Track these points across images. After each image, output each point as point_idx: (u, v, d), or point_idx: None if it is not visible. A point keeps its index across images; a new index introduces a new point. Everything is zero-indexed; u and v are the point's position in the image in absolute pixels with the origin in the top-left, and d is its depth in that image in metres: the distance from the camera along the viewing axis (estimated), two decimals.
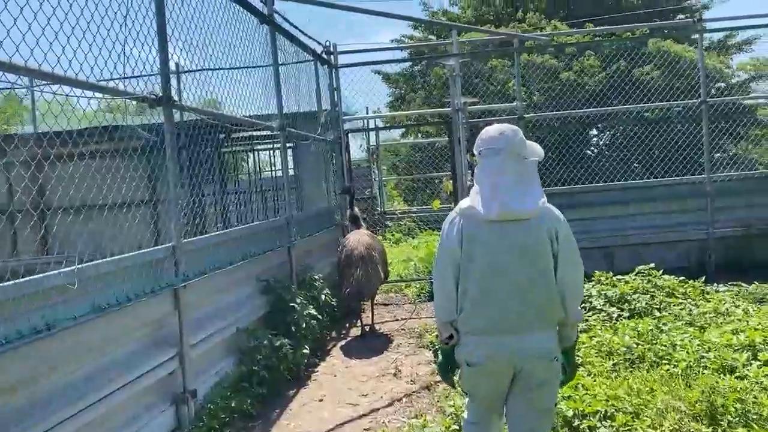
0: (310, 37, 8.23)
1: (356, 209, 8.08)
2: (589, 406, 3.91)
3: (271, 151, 10.83)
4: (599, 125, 16.62)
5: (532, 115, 10.20)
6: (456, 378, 3.23)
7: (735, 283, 7.21)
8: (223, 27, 5.67)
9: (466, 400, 3.24)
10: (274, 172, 10.52)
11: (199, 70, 5.17)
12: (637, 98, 11.16)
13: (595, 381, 4.56)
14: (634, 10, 19.87)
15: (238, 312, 5.47)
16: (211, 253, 5.09)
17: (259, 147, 11.31)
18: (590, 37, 12.94)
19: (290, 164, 8.57)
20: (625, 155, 14.74)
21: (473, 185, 3.01)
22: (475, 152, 3.04)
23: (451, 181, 9.80)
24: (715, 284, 7.24)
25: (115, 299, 3.75)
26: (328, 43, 8.94)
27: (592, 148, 17.16)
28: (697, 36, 9.61)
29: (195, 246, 4.78)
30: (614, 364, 4.90)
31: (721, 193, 8.79)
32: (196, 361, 4.61)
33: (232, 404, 4.74)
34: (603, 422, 3.78)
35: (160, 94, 4.25)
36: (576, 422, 3.82)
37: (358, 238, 7.29)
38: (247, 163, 11.32)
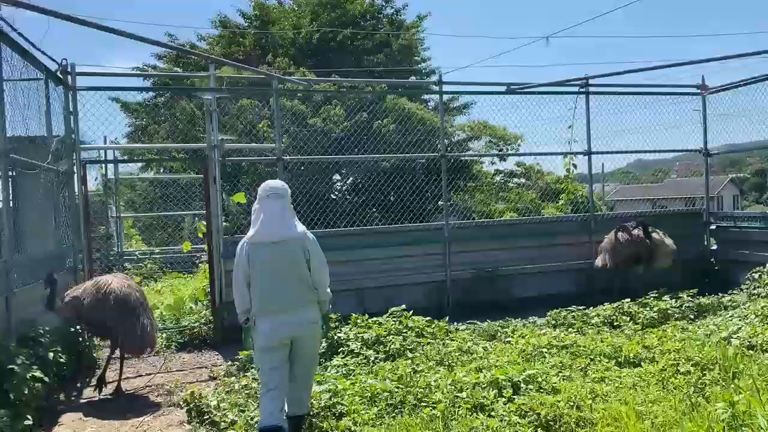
0: (43, 53, 7.16)
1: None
2: None
3: None
4: (342, 171, 17.43)
5: (290, 157, 10.20)
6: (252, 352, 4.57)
7: (471, 321, 7.90)
8: None
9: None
10: None
11: None
12: (377, 148, 11.98)
13: (362, 430, 4.52)
14: (374, 68, 21.48)
15: None
16: None
17: None
18: (336, 87, 13.60)
19: (9, 197, 7.22)
20: (364, 201, 15.65)
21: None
22: (261, 194, 4.36)
23: (203, 222, 9.24)
24: (456, 322, 7.84)
25: None
26: (65, 62, 7.85)
27: (336, 192, 17.91)
28: (431, 96, 10.75)
29: None
30: (378, 411, 4.92)
31: (455, 238, 9.69)
32: None
33: None
34: None
35: None
36: None
37: (122, 281, 6.45)
38: None
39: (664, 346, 6.20)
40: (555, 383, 5.26)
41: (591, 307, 8.14)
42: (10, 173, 6.42)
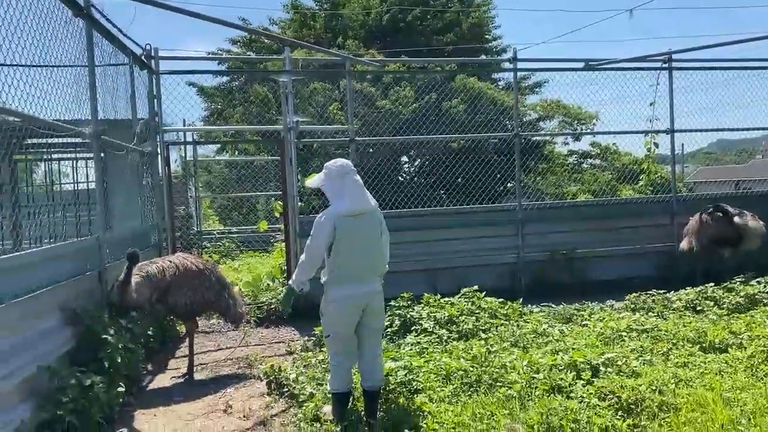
0: (129, 38, 7.46)
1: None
2: None
3: (74, 162, 9.64)
4: (411, 152, 17.41)
5: (362, 138, 10.28)
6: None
7: (545, 303, 7.78)
8: (29, 14, 4.86)
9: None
10: (77, 186, 9.34)
11: (3, 65, 4.33)
12: (446, 129, 11.89)
13: (438, 407, 4.55)
14: (443, 47, 21.26)
15: (39, 348, 4.64)
16: (8, 278, 4.26)
17: (57, 156, 10.03)
18: (406, 67, 13.55)
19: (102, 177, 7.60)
20: (432, 182, 15.59)
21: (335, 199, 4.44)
22: (340, 171, 4.48)
23: (280, 202, 9.46)
24: (529, 305, 7.74)
25: None
26: (148, 47, 8.17)
27: (404, 174, 17.91)
28: (502, 74, 10.56)
29: None
30: (454, 389, 4.94)
31: (529, 219, 9.53)
32: None
33: None
34: None
35: None
36: None
37: (200, 259, 6.81)
38: (46, 174, 9.95)
39: (752, 332, 5.93)
40: (635, 367, 5.14)
41: (672, 292, 7.87)
42: (101, 154, 6.76)
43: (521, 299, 7.69)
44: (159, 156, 8.64)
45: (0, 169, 7.84)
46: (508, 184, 13.69)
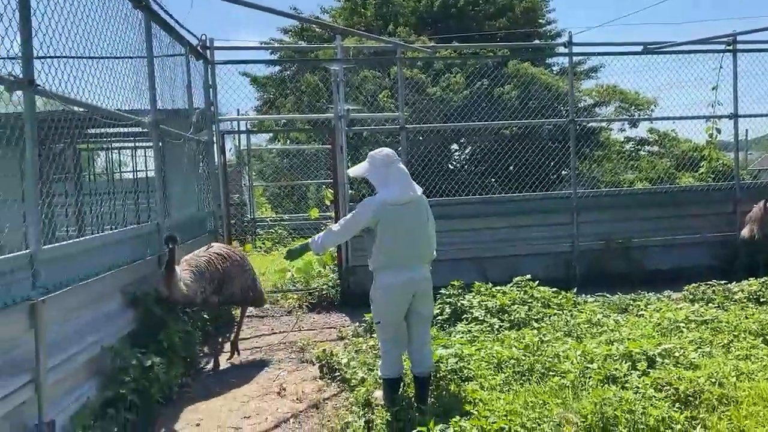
0: (185, 29, 7.63)
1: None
2: (493, 423, 3.84)
3: (134, 150, 9.97)
4: (461, 140, 17.25)
5: (413, 126, 10.25)
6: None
7: (600, 293, 7.62)
8: (92, 7, 5.02)
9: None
10: (136, 173, 9.67)
11: (68, 57, 4.50)
12: (497, 116, 11.71)
13: (490, 395, 4.53)
14: (495, 33, 20.94)
15: (103, 329, 4.83)
16: (73, 262, 4.44)
17: (118, 145, 10.39)
18: (459, 52, 13.41)
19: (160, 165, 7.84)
20: (483, 170, 15.41)
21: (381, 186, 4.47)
22: (386, 160, 4.51)
23: (330, 190, 9.55)
24: (583, 294, 7.60)
25: None
26: (204, 37, 8.35)
27: (454, 162, 17.78)
28: (556, 59, 10.32)
29: (56, 254, 4.14)
30: (506, 377, 4.91)
31: (584, 208, 9.34)
32: (54, 387, 3.97)
33: None
34: None
35: (21, 76, 3.62)
36: None
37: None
38: (108, 162, 10.34)
39: None
40: (694, 359, 5.01)
41: (734, 282, 7.60)
42: (159, 143, 6.95)
43: (575, 289, 7.56)
44: (215, 145, 8.83)
45: (65, 158, 8.18)
46: (563, 172, 13.44)
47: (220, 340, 7.12)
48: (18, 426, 3.66)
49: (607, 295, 7.52)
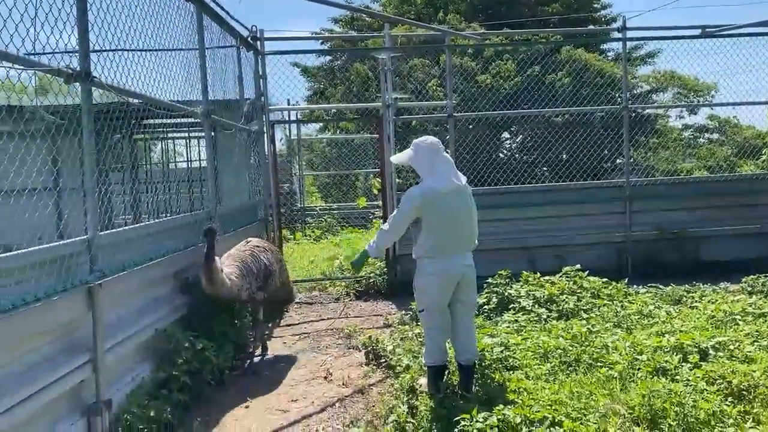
0: (236, 20, 7.77)
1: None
2: (537, 412, 3.81)
3: (187, 140, 10.24)
4: (512, 128, 17.01)
5: (460, 114, 10.18)
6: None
7: (653, 284, 7.44)
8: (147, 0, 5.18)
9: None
10: (190, 163, 9.94)
11: (123, 49, 4.66)
12: (549, 103, 11.49)
13: (535, 384, 4.50)
14: (548, 18, 20.52)
15: (157, 312, 5.01)
16: (129, 248, 4.61)
17: (172, 135, 10.68)
18: (510, 39, 13.21)
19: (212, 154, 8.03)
20: (534, 159, 15.16)
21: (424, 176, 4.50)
22: (431, 148, 4.52)
23: (378, 179, 9.59)
24: (634, 285, 7.43)
25: (21, 299, 3.26)
26: (254, 28, 8.49)
27: (505, 150, 17.55)
28: (611, 45, 10.06)
29: (112, 240, 4.31)
30: (552, 367, 4.87)
31: (637, 197, 9.10)
32: (111, 368, 4.15)
33: (150, 414, 4.30)
34: (551, 429, 3.69)
35: (78, 69, 3.77)
36: (524, 429, 3.71)
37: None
38: (162, 152, 10.65)
39: None
40: (749, 352, 4.85)
41: None
42: (211, 133, 7.13)
43: (626, 279, 7.39)
44: (265, 135, 8.99)
45: (122, 148, 8.48)
46: (618, 161, 13.10)
47: (269, 325, 7.27)
48: (77, 404, 3.85)
49: (660, 287, 7.33)
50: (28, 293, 3.30)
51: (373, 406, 4.75)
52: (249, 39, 8.37)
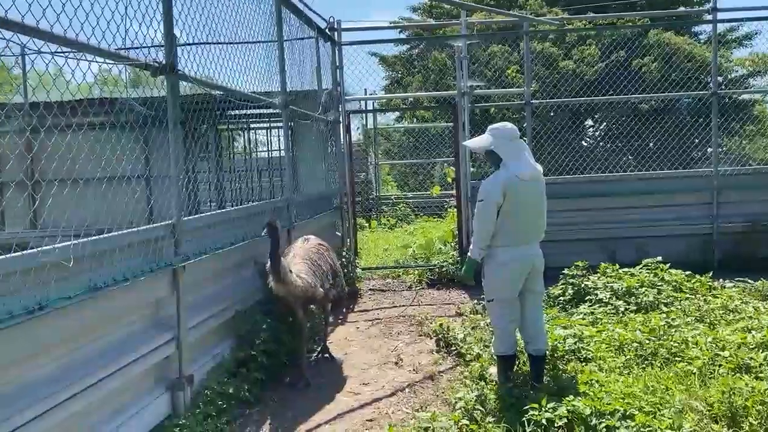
0: (314, 11, 7.94)
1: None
2: (608, 404, 3.74)
3: (268, 130, 10.58)
4: (595, 116, 16.49)
5: (538, 101, 9.98)
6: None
7: (741, 279, 7.07)
8: None
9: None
10: (270, 152, 10.27)
11: (205, 43, 4.88)
12: (635, 90, 11.04)
13: (608, 377, 4.41)
14: (634, 1, 19.67)
15: (236, 295, 5.26)
16: (211, 232, 4.87)
17: (253, 125, 11.05)
18: (593, 24, 12.78)
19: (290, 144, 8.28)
20: (619, 147, 14.63)
21: (502, 162, 4.42)
22: (509, 135, 4.47)
23: (452, 168, 9.58)
24: (720, 279, 7.10)
25: (112, 279, 3.52)
26: (332, 19, 8.64)
27: (588, 138, 17.04)
28: (703, 28, 9.52)
29: (195, 225, 4.56)
30: (626, 360, 4.75)
31: (726, 187, 8.65)
32: (193, 345, 4.40)
33: (230, 390, 4.54)
34: (622, 422, 3.61)
35: (164, 62, 3.99)
36: (594, 421, 3.65)
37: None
38: (244, 142, 11.05)
39: None
40: None
41: None
42: (289, 123, 7.34)
43: (711, 273, 7.07)
44: (341, 124, 9.15)
45: (207, 137, 8.87)
46: (708, 149, 12.49)
47: (343, 310, 7.45)
48: (161, 378, 4.12)
49: (749, 281, 6.96)
50: (118, 273, 3.56)
51: (443, 392, 4.80)
52: (326, 30, 8.53)
